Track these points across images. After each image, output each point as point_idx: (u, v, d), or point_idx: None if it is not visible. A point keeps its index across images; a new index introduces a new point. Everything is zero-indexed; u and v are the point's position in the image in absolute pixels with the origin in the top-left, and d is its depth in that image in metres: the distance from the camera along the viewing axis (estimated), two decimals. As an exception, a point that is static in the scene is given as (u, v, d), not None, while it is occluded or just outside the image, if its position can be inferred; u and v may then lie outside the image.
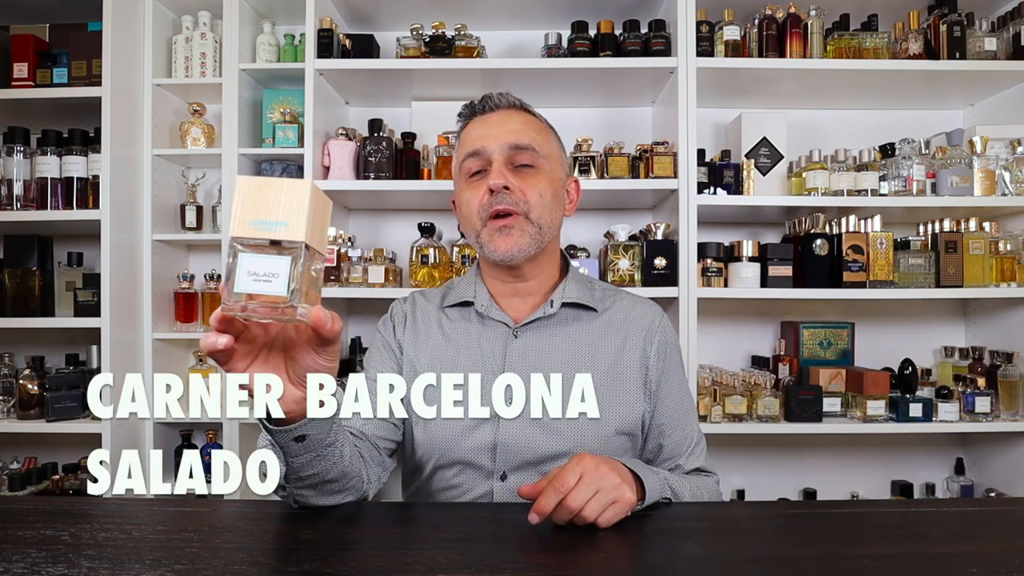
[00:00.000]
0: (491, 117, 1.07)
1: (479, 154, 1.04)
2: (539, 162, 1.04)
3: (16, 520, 0.78)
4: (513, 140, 1.03)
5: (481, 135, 1.05)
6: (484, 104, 1.08)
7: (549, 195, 1.04)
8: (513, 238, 1.01)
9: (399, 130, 2.17)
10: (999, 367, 1.96)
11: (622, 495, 0.78)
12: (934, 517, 0.86)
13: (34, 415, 1.94)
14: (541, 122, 1.10)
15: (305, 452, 0.76)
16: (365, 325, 2.28)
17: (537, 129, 1.07)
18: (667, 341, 1.10)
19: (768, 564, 0.68)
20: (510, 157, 1.03)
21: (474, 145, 1.04)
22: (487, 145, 1.03)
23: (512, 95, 1.09)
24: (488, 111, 1.08)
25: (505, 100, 1.08)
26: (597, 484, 0.76)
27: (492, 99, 1.08)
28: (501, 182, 1.00)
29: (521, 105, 1.10)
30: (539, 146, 1.05)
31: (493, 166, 1.02)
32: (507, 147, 1.03)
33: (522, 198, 1.01)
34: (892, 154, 2.00)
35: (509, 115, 1.07)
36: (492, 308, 1.08)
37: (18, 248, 2.07)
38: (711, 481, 1.06)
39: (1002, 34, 2.01)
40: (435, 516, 0.87)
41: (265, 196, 0.58)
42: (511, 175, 1.02)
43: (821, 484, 2.19)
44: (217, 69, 2.07)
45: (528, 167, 1.04)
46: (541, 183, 1.03)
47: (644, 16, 2.08)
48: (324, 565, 0.64)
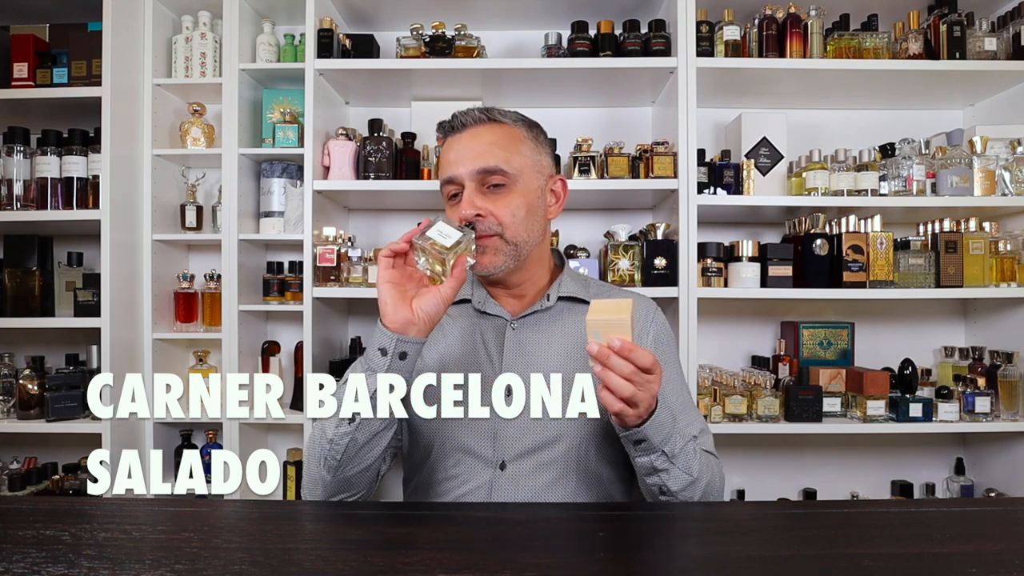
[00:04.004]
0: (460, 137, 1.08)
1: (452, 181, 1.06)
2: (509, 181, 1.05)
3: (16, 520, 0.78)
4: (480, 164, 1.04)
5: (453, 160, 1.07)
6: (452, 123, 1.10)
7: (523, 211, 1.05)
8: (488, 257, 1.04)
9: (399, 130, 2.17)
10: (999, 367, 1.96)
11: (633, 415, 0.85)
12: (934, 517, 0.86)
13: (34, 415, 1.94)
14: (512, 130, 1.09)
15: (404, 371, 0.89)
16: (365, 325, 2.28)
17: (506, 144, 1.07)
18: (662, 332, 1.11)
19: (768, 564, 0.68)
20: (480, 179, 1.05)
21: (447, 171, 1.07)
22: (457, 172, 1.05)
23: (477, 110, 1.09)
24: (457, 131, 1.09)
25: (471, 117, 1.08)
26: (643, 395, 0.84)
27: (458, 118, 1.09)
28: (471, 211, 1.02)
29: (489, 118, 1.09)
30: (508, 163, 1.05)
31: (464, 193, 1.04)
32: (475, 172, 1.04)
33: (495, 221, 1.03)
34: (892, 154, 2.00)
35: (477, 133, 1.07)
36: (488, 303, 1.11)
37: (18, 248, 2.07)
38: (718, 462, 1.05)
39: (1002, 34, 2.01)
40: (435, 516, 0.87)
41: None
42: (482, 199, 1.04)
43: (821, 484, 2.18)
44: (217, 69, 2.06)
45: (499, 187, 1.05)
46: (513, 201, 1.05)
47: (644, 16, 2.08)
48: (324, 565, 0.64)
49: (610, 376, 0.81)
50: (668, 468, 0.93)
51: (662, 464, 0.92)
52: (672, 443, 0.92)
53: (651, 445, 0.91)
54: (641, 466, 0.94)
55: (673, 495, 0.94)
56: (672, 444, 0.92)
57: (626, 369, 0.81)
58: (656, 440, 0.90)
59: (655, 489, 0.95)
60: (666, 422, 0.91)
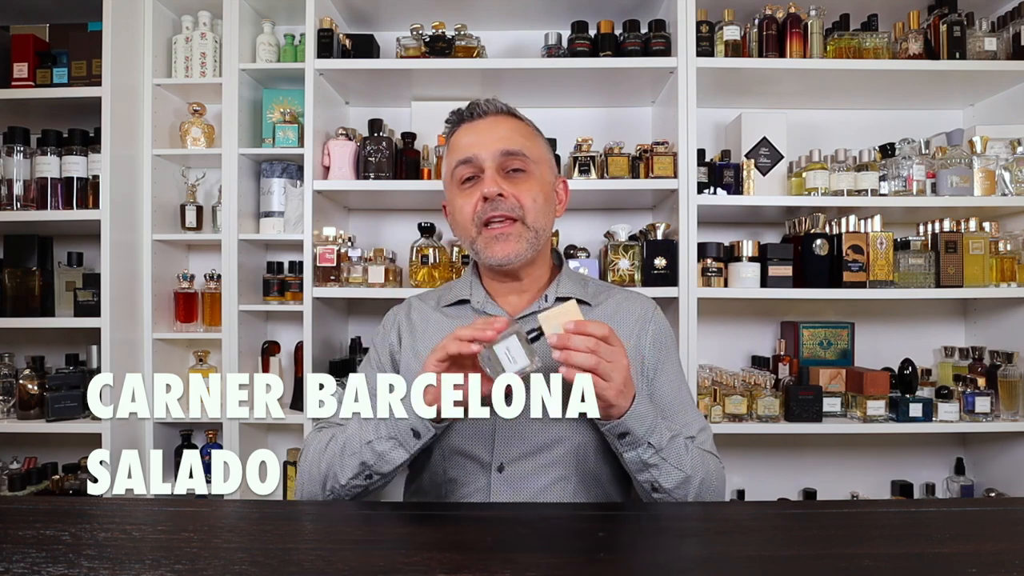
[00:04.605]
0: (479, 124, 1.08)
1: (470, 161, 1.05)
2: (530, 167, 1.06)
3: (16, 520, 0.78)
4: (504, 146, 1.04)
5: (472, 142, 1.06)
6: (472, 111, 1.09)
7: (542, 199, 1.06)
8: (511, 244, 1.03)
9: (399, 130, 2.17)
10: (999, 367, 1.96)
11: (610, 389, 0.86)
12: (934, 517, 0.86)
13: (34, 415, 1.94)
14: (529, 127, 1.12)
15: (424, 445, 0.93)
16: (365, 325, 2.28)
17: (526, 134, 1.09)
18: (660, 330, 1.11)
19: (768, 564, 0.68)
20: (502, 163, 1.04)
21: (465, 152, 1.06)
22: (478, 152, 1.04)
23: (499, 101, 1.10)
24: (476, 117, 1.09)
25: (493, 106, 1.09)
26: (611, 367, 0.85)
27: (480, 106, 1.09)
28: (495, 189, 1.02)
29: (508, 111, 1.11)
30: (529, 151, 1.06)
31: (486, 173, 1.04)
32: (498, 153, 1.04)
33: (516, 204, 1.03)
34: (892, 154, 2.00)
35: (497, 121, 1.08)
36: (488, 304, 1.11)
37: (18, 248, 2.07)
38: (717, 460, 1.04)
39: (1002, 34, 2.01)
40: (435, 516, 0.87)
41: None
42: (504, 181, 1.04)
43: (821, 484, 2.18)
44: (217, 69, 2.06)
45: (520, 172, 1.05)
46: (534, 187, 1.05)
47: (644, 16, 2.08)
48: (324, 565, 0.64)
49: (573, 354, 0.84)
50: (658, 463, 0.93)
51: (651, 458, 0.92)
52: (658, 435, 0.92)
53: (635, 438, 0.91)
54: (630, 462, 0.94)
55: (667, 493, 0.94)
56: (659, 436, 0.92)
57: (588, 343, 0.84)
58: (639, 432, 0.91)
59: (647, 487, 0.95)
60: (647, 413, 0.92)
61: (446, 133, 1.14)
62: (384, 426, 0.93)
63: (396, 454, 0.93)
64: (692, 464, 0.95)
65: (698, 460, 0.97)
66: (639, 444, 0.92)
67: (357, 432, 0.96)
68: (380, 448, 0.93)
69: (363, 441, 0.94)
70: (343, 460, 0.96)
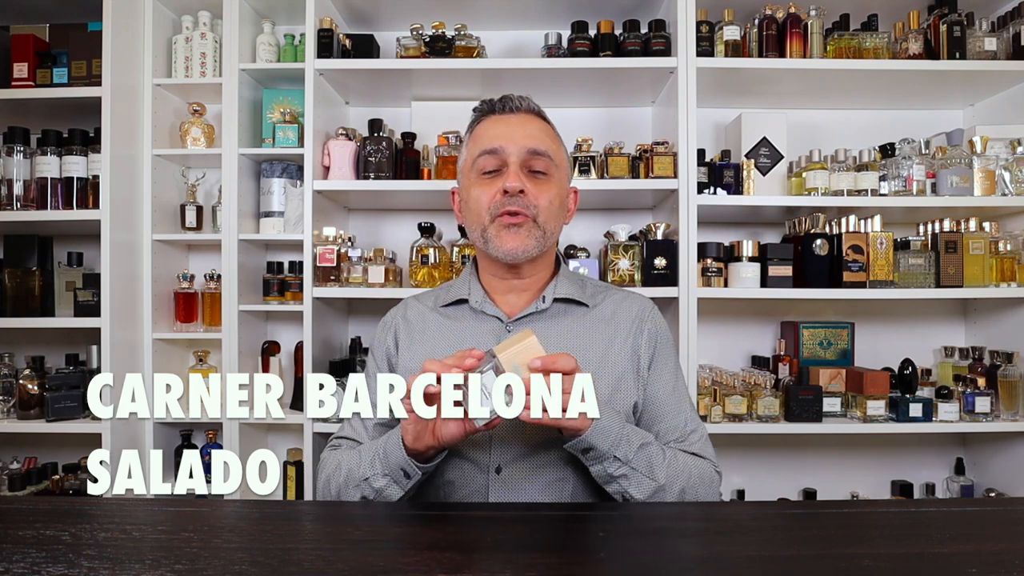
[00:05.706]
0: (510, 118, 1.08)
1: (496, 153, 1.05)
2: (552, 170, 1.06)
3: (16, 520, 0.78)
4: (532, 145, 1.05)
5: (499, 134, 1.06)
6: (504, 104, 1.09)
7: (557, 203, 1.07)
8: (520, 237, 1.03)
9: (399, 130, 2.17)
10: (999, 367, 1.96)
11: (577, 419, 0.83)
12: (934, 517, 0.86)
13: (34, 415, 1.94)
14: (555, 132, 1.13)
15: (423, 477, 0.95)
16: (365, 325, 2.28)
17: (552, 138, 1.10)
18: (657, 330, 1.10)
19: (768, 564, 0.68)
20: (526, 161, 1.04)
21: (492, 143, 1.05)
22: (505, 146, 1.04)
23: (532, 101, 1.11)
24: (508, 112, 1.09)
25: (525, 104, 1.10)
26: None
27: (512, 100, 1.09)
28: (518, 185, 1.02)
29: (539, 112, 1.12)
30: (554, 155, 1.07)
31: (510, 168, 1.04)
32: (525, 151, 1.04)
33: (533, 203, 1.03)
34: (892, 154, 2.00)
35: (528, 119, 1.08)
36: (486, 304, 1.10)
37: (18, 248, 2.07)
38: (706, 463, 1.03)
39: (1002, 34, 2.01)
40: (435, 516, 0.87)
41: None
42: (526, 179, 1.04)
43: (821, 484, 2.19)
44: (217, 69, 2.07)
45: (541, 174, 1.05)
46: (552, 190, 1.06)
47: (644, 16, 2.08)
48: (324, 565, 0.64)
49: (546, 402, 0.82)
50: (627, 474, 0.92)
51: (617, 470, 0.91)
52: (625, 447, 0.91)
53: (599, 452, 0.90)
54: (596, 475, 0.93)
55: (640, 502, 0.93)
56: (625, 448, 0.91)
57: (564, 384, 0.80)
58: (603, 446, 0.89)
59: (618, 498, 0.94)
60: (611, 427, 0.90)
61: (471, 121, 1.13)
62: (379, 463, 0.94)
63: (392, 491, 0.94)
64: (668, 472, 0.94)
65: (678, 466, 0.96)
66: (604, 458, 0.91)
67: (357, 467, 0.97)
68: (377, 485, 0.94)
69: (361, 477, 0.96)
70: (348, 491, 0.98)
